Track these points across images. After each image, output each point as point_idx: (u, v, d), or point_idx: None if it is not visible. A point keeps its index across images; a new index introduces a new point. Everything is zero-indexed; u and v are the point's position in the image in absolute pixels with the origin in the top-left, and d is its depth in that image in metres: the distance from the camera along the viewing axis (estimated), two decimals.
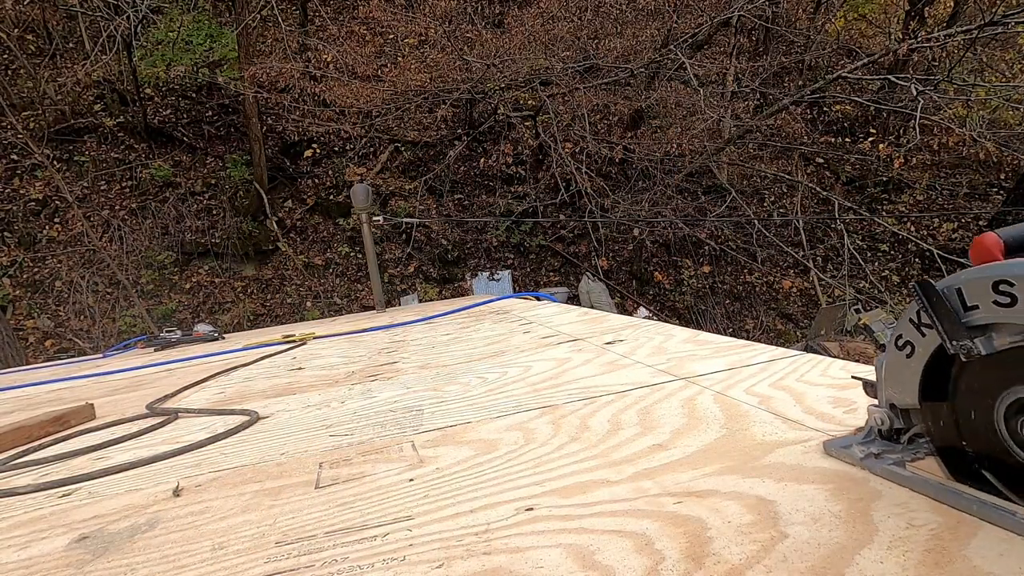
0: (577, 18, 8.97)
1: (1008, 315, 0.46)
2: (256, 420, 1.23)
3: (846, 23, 11.72)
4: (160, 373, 2.40)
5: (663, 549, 0.51)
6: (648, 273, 9.32)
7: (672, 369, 1.16)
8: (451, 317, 2.95)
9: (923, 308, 0.52)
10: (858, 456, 0.62)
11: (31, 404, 2.02)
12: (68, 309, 8.16)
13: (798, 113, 10.63)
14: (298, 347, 2.57)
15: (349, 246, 9.29)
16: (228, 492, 0.81)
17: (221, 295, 8.78)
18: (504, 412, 1.02)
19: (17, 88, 9.74)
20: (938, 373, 0.54)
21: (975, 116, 8.89)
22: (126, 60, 9.51)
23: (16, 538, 0.76)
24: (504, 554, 0.54)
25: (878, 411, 0.61)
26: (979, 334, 0.49)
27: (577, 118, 9.13)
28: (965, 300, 0.49)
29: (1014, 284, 0.45)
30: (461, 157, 10.05)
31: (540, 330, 1.97)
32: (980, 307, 0.48)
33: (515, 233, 9.40)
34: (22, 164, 9.01)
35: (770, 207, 9.83)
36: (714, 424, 0.81)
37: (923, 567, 0.44)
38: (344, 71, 9.50)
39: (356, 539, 0.61)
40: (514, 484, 0.69)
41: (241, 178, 9.61)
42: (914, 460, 0.59)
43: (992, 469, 0.50)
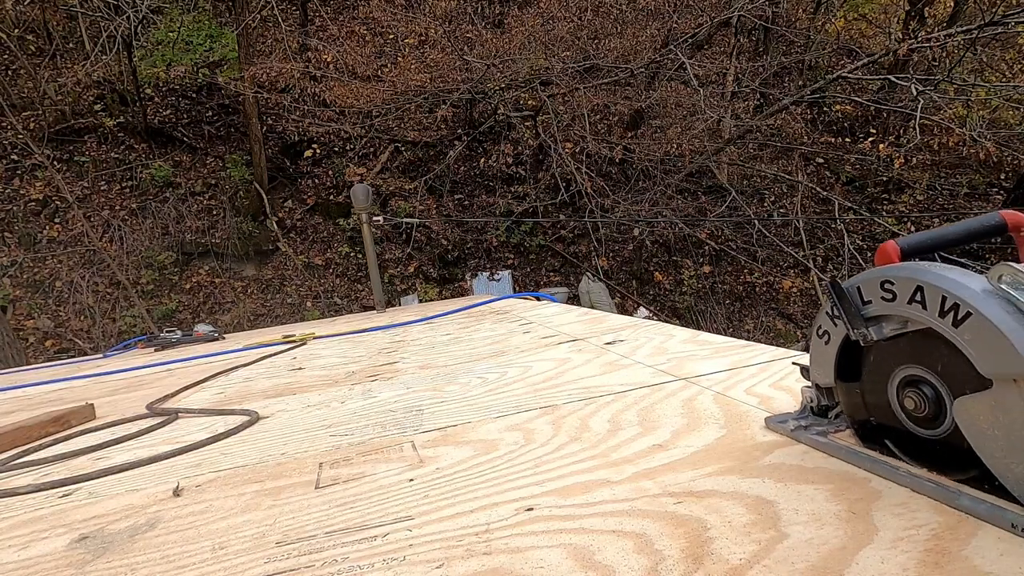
0: (577, 18, 8.97)
1: (891, 308, 0.56)
2: (256, 420, 1.23)
3: (846, 23, 11.72)
4: (160, 373, 2.40)
5: (663, 549, 0.51)
6: (648, 273, 9.32)
7: (672, 369, 1.16)
8: (451, 317, 2.95)
9: (833, 303, 0.61)
10: (790, 428, 0.72)
11: (31, 404, 2.02)
12: (68, 309, 8.16)
13: (798, 113, 10.63)
14: (298, 347, 2.57)
15: (349, 246, 9.29)
16: (228, 492, 0.81)
17: (221, 295, 8.78)
18: (504, 412, 1.02)
19: (17, 88, 9.74)
20: (848, 357, 0.63)
21: (975, 116, 8.89)
22: (126, 60, 9.51)
23: (16, 538, 0.76)
24: (504, 554, 0.54)
25: (808, 390, 0.72)
26: (873, 324, 0.58)
27: (577, 118, 9.13)
28: (862, 296, 0.59)
29: (894, 283, 0.55)
30: (461, 157, 10.05)
31: (540, 330, 1.97)
32: (872, 302, 0.58)
33: (515, 233, 9.41)
34: (22, 164, 9.02)
35: (770, 207, 9.83)
36: (714, 424, 0.81)
37: (923, 567, 0.44)
38: (344, 71, 9.50)
39: (356, 539, 0.61)
40: (514, 484, 0.69)
41: (241, 178, 9.61)
42: (836, 432, 0.68)
43: (889, 436, 0.60)
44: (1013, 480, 0.48)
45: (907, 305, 0.54)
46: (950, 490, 0.53)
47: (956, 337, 0.50)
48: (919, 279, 0.53)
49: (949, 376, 0.53)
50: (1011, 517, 0.47)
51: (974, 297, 0.48)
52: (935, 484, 0.54)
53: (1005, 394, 0.47)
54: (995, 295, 0.48)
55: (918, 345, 0.55)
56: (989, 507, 0.49)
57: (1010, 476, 0.48)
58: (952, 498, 0.52)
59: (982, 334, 0.48)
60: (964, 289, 0.49)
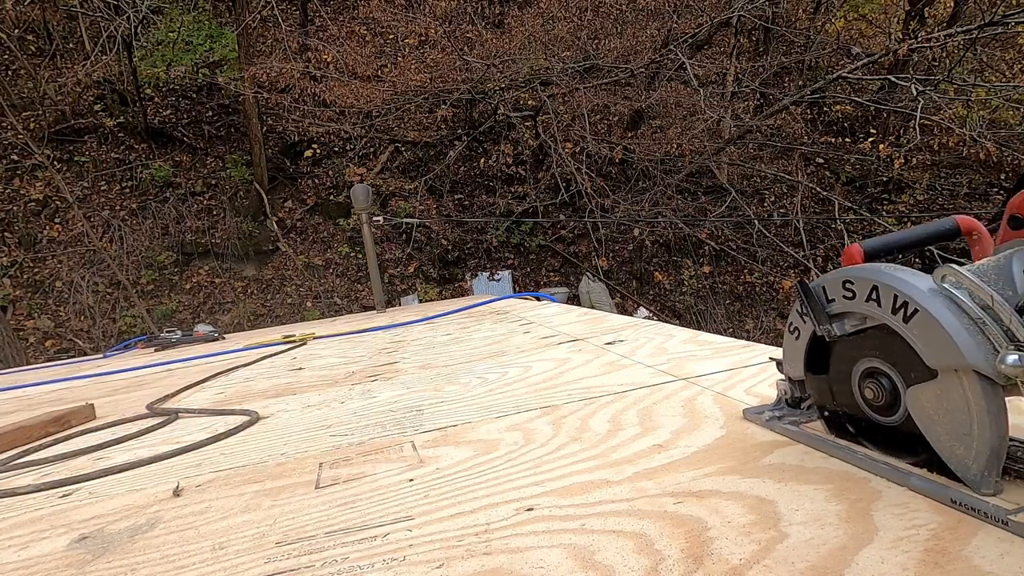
0: (577, 18, 8.97)
1: (852, 306, 0.60)
2: (256, 420, 1.23)
3: (846, 23, 11.72)
4: (160, 373, 2.40)
5: (663, 549, 0.51)
6: (648, 273, 9.32)
7: (672, 369, 1.16)
8: (451, 317, 2.95)
9: (801, 301, 0.66)
10: (765, 418, 0.77)
11: (31, 404, 2.02)
12: (68, 309, 8.16)
13: (798, 113, 10.63)
14: (298, 347, 2.57)
15: (349, 246, 9.29)
16: (228, 492, 0.81)
17: (221, 295, 8.78)
18: (504, 412, 1.02)
19: (17, 88, 9.74)
20: (817, 352, 0.68)
21: (975, 116, 8.88)
22: (126, 60, 9.51)
23: (16, 538, 0.76)
24: (504, 554, 0.54)
25: (783, 383, 0.76)
26: (837, 320, 0.63)
27: (577, 118, 9.13)
28: (827, 295, 0.63)
29: (854, 283, 0.59)
30: (461, 157, 10.05)
31: (540, 330, 1.97)
32: (836, 300, 0.62)
33: (515, 233, 9.40)
34: (22, 164, 9.02)
35: (770, 207, 9.82)
36: (714, 424, 0.81)
37: (923, 567, 0.44)
38: (344, 71, 9.50)
39: (356, 539, 0.61)
40: (514, 484, 0.69)
41: (241, 178, 9.61)
42: (808, 422, 0.73)
43: (853, 424, 0.65)
44: (956, 461, 0.52)
45: (865, 303, 0.58)
46: (902, 471, 0.57)
47: (906, 332, 0.54)
48: (874, 279, 0.57)
49: (902, 368, 0.57)
50: (952, 494, 0.52)
51: (921, 296, 0.53)
52: (889, 466, 0.59)
53: (948, 384, 0.51)
54: (940, 294, 0.52)
55: (876, 340, 0.59)
56: (934, 486, 0.54)
57: (953, 458, 0.53)
58: (904, 479, 0.57)
59: (928, 329, 0.52)
60: (913, 288, 0.53)
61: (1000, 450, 0.50)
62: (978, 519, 0.50)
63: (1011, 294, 0.50)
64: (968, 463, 0.51)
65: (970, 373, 0.49)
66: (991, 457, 0.50)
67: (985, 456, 0.50)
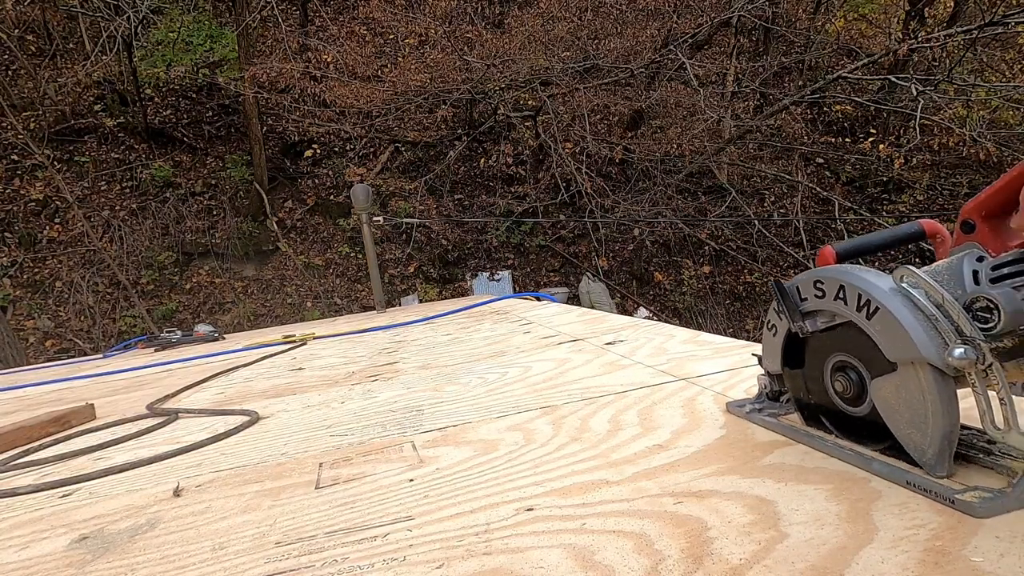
0: (577, 18, 8.97)
1: (822, 304, 0.64)
2: (256, 420, 1.23)
3: (846, 23, 11.72)
4: (160, 373, 2.40)
5: (663, 549, 0.51)
6: (648, 273, 9.31)
7: (672, 370, 1.16)
8: (451, 317, 2.95)
9: (777, 300, 0.70)
10: (746, 411, 0.81)
11: (32, 404, 2.02)
12: (68, 309, 8.16)
13: (798, 113, 10.63)
14: (298, 347, 2.57)
15: (349, 246, 9.29)
16: (228, 492, 0.81)
17: (221, 295, 8.78)
18: (504, 412, 1.02)
19: (17, 88, 9.74)
20: (792, 347, 0.71)
21: (975, 116, 8.88)
22: (126, 60, 9.51)
23: (17, 538, 0.76)
24: (504, 554, 0.54)
25: (763, 378, 0.80)
26: (809, 318, 0.67)
27: (577, 118, 9.14)
28: (800, 294, 0.67)
29: (823, 283, 0.63)
30: (461, 157, 10.05)
31: (540, 330, 1.97)
32: (808, 299, 0.66)
33: (515, 233, 9.40)
34: (22, 164, 9.02)
35: (770, 207, 9.82)
36: (714, 424, 0.81)
37: (923, 567, 0.44)
38: (344, 71, 9.50)
39: (356, 539, 0.61)
40: (514, 484, 0.69)
41: (241, 178, 9.61)
42: (786, 414, 0.77)
43: (825, 414, 0.68)
44: (913, 447, 0.57)
45: (833, 301, 0.63)
46: (866, 457, 0.62)
47: (869, 328, 0.58)
48: (841, 279, 0.61)
49: (867, 361, 0.61)
50: (907, 476, 0.56)
51: (882, 294, 0.56)
52: (855, 453, 0.63)
53: (906, 376, 0.55)
54: (898, 293, 0.56)
55: (844, 335, 0.63)
56: (893, 469, 0.58)
57: (911, 444, 0.57)
58: (867, 463, 0.61)
59: (887, 325, 0.56)
60: (874, 288, 0.57)
61: (952, 436, 0.54)
62: (931, 499, 0.53)
63: (960, 293, 0.53)
64: (924, 448, 0.55)
65: (924, 365, 0.53)
66: (944, 442, 0.54)
67: (938, 441, 0.54)
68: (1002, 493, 0.50)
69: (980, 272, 0.54)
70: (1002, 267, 0.53)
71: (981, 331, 0.51)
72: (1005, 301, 0.50)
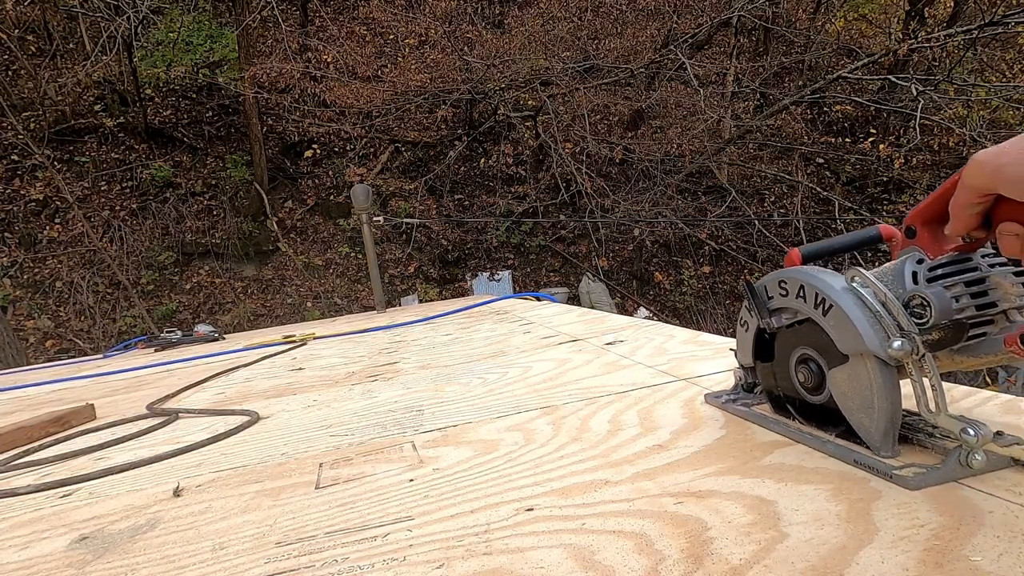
0: (577, 18, 8.97)
1: (786, 302, 0.70)
2: (256, 420, 1.23)
3: (846, 23, 11.72)
4: (160, 373, 2.40)
5: (663, 549, 0.51)
6: (648, 273, 9.32)
7: (673, 370, 1.16)
8: (451, 317, 2.95)
9: (748, 298, 0.75)
10: (722, 402, 0.86)
11: (32, 404, 2.02)
12: (68, 309, 8.16)
13: (798, 113, 10.63)
14: (298, 347, 2.57)
15: (349, 246, 9.29)
16: (228, 492, 0.81)
17: (221, 295, 8.78)
18: (504, 412, 1.02)
19: (18, 89, 9.75)
20: (762, 342, 0.77)
21: (975, 116, 8.88)
22: (126, 61, 9.52)
23: (17, 538, 0.76)
24: (504, 554, 0.54)
25: (738, 371, 0.85)
26: (776, 315, 0.73)
27: (577, 118, 9.14)
28: (768, 292, 0.73)
29: (786, 282, 0.69)
30: (461, 157, 10.05)
31: (540, 330, 1.97)
32: (774, 297, 0.72)
33: (515, 233, 9.40)
34: (23, 165, 9.02)
35: (770, 207, 9.82)
36: (714, 425, 0.81)
37: (924, 566, 0.44)
38: (344, 71, 9.51)
39: (356, 539, 0.61)
40: (514, 484, 0.69)
41: (241, 178, 9.61)
42: (759, 404, 0.82)
43: (792, 403, 0.74)
44: (863, 429, 0.62)
45: (795, 299, 0.68)
46: (822, 439, 0.68)
47: (825, 323, 0.64)
48: (801, 279, 0.67)
49: (825, 354, 0.66)
50: (855, 456, 0.62)
51: (835, 293, 0.62)
52: (814, 436, 0.69)
53: (856, 366, 0.61)
54: (849, 292, 0.61)
55: (805, 330, 0.69)
56: (843, 449, 0.64)
57: (861, 426, 0.63)
58: (823, 445, 0.67)
59: (840, 321, 0.62)
60: (829, 287, 0.63)
61: (895, 419, 0.60)
62: (873, 474, 0.60)
63: (901, 291, 0.60)
64: (871, 430, 0.61)
65: (871, 357, 0.59)
66: (888, 425, 0.60)
67: (884, 424, 0.60)
68: (934, 469, 0.56)
69: (919, 273, 0.60)
70: (937, 269, 0.59)
71: (916, 325, 0.57)
72: (936, 299, 0.57)
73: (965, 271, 0.58)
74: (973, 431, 0.54)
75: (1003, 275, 0.58)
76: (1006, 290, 0.57)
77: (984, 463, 0.55)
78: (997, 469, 0.57)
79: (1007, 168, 0.47)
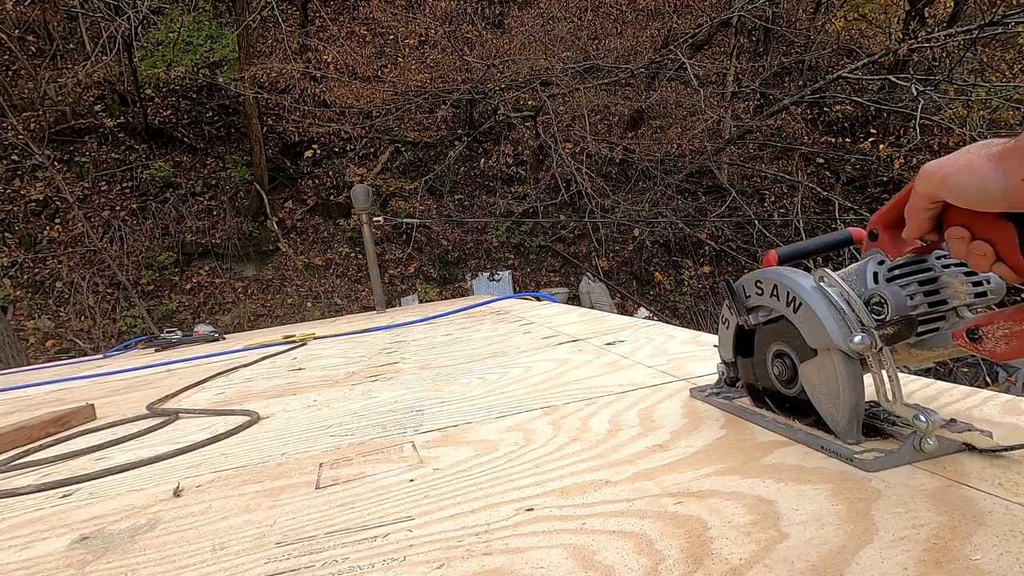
0: (577, 18, 8.98)
1: (762, 300, 0.74)
2: (256, 420, 1.23)
3: (846, 23, 11.72)
4: (161, 374, 2.40)
5: (663, 549, 0.51)
6: (648, 273, 9.32)
7: (673, 370, 1.16)
8: (451, 317, 2.95)
9: (728, 297, 0.79)
10: (705, 395, 0.91)
11: (32, 405, 2.02)
12: (69, 310, 8.16)
13: (798, 113, 10.63)
14: (299, 347, 2.58)
15: (349, 247, 9.29)
16: (228, 492, 0.82)
17: (222, 296, 8.78)
18: (504, 412, 1.02)
19: (18, 89, 9.75)
20: (742, 338, 0.81)
21: (975, 116, 8.88)
22: (126, 61, 9.52)
23: (17, 538, 0.76)
24: (504, 554, 0.54)
25: (721, 366, 0.89)
26: (753, 313, 0.76)
27: (577, 118, 9.14)
28: (746, 292, 0.77)
29: (762, 282, 0.73)
30: (461, 157, 10.05)
31: (540, 330, 1.97)
32: (752, 296, 0.76)
33: (515, 233, 9.40)
34: (23, 165, 9.02)
35: (770, 207, 9.82)
36: (714, 425, 0.81)
37: (924, 566, 0.44)
38: (344, 72, 9.51)
39: (356, 539, 0.61)
40: (514, 484, 0.69)
41: (241, 179, 9.61)
42: (740, 397, 0.86)
43: (768, 395, 0.78)
44: (830, 419, 0.67)
45: (770, 298, 0.72)
46: (793, 428, 0.72)
47: (796, 320, 0.68)
48: (775, 279, 0.71)
49: (797, 349, 0.70)
50: (822, 442, 0.67)
51: (804, 292, 0.66)
52: (786, 425, 0.73)
53: (824, 360, 0.65)
54: (818, 291, 0.66)
55: (780, 327, 0.73)
56: (812, 437, 0.69)
57: (828, 416, 0.67)
58: (794, 433, 0.71)
59: (808, 318, 0.66)
60: (799, 286, 0.67)
61: (858, 408, 0.64)
62: (836, 458, 0.64)
63: (863, 290, 0.64)
64: (838, 419, 0.65)
65: (836, 351, 0.63)
66: (852, 414, 0.64)
67: (848, 413, 0.64)
68: (891, 453, 0.61)
69: (879, 273, 0.64)
70: (895, 269, 0.63)
71: (875, 321, 0.61)
72: (892, 297, 0.61)
73: (920, 271, 0.62)
74: (924, 418, 0.58)
75: (954, 275, 0.61)
76: (956, 289, 0.61)
77: (936, 447, 0.60)
78: (949, 453, 0.61)
79: (950, 177, 0.51)
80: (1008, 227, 0.50)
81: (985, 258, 0.52)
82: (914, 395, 0.82)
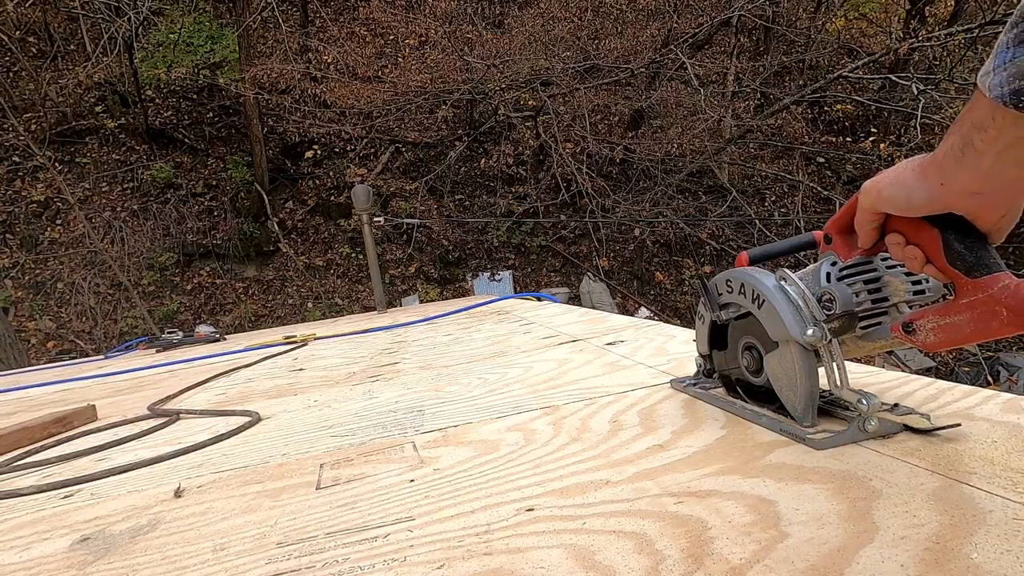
0: (577, 18, 8.98)
1: (732, 298, 0.80)
2: (257, 421, 1.23)
3: (847, 22, 11.71)
4: (162, 374, 2.40)
5: (664, 549, 0.51)
6: (649, 273, 9.31)
7: (673, 370, 1.16)
8: (452, 318, 2.95)
9: (703, 295, 0.86)
10: (683, 386, 0.98)
11: (33, 405, 2.03)
12: (70, 310, 8.17)
13: (799, 113, 10.62)
14: (299, 348, 2.58)
15: (350, 247, 9.30)
16: (229, 493, 0.82)
17: (222, 296, 8.79)
18: (505, 413, 1.02)
19: (19, 90, 9.76)
20: (716, 333, 0.88)
21: None
22: (127, 62, 9.53)
23: (18, 539, 0.76)
24: (505, 555, 0.54)
25: (698, 359, 0.96)
26: (725, 309, 0.83)
27: (578, 118, 9.14)
28: (718, 289, 0.83)
29: (731, 281, 0.80)
30: (462, 157, 10.05)
31: (541, 330, 1.97)
32: (724, 293, 0.82)
33: (516, 233, 9.41)
34: (24, 166, 9.03)
35: (771, 207, 9.82)
36: (714, 425, 0.81)
37: (924, 566, 0.44)
38: (345, 72, 9.51)
39: (357, 540, 0.61)
40: (515, 485, 0.70)
41: (242, 179, 9.62)
42: (715, 388, 0.92)
43: (740, 385, 0.85)
44: (790, 405, 0.73)
45: (738, 295, 0.78)
46: (759, 414, 0.78)
47: (759, 315, 0.74)
48: (742, 278, 0.77)
49: (762, 342, 0.77)
50: (780, 425, 0.73)
51: (766, 290, 0.73)
52: (753, 411, 0.79)
53: (784, 351, 0.72)
54: (778, 289, 0.72)
55: (748, 322, 0.79)
56: (773, 420, 0.75)
57: (788, 402, 0.73)
58: (758, 418, 0.78)
59: (770, 313, 0.72)
60: (762, 285, 0.73)
61: (813, 394, 0.70)
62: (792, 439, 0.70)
63: (817, 289, 0.69)
64: (796, 404, 0.72)
65: (793, 343, 0.69)
66: (808, 399, 0.70)
67: (804, 399, 0.70)
68: (839, 433, 0.68)
69: (831, 273, 0.69)
70: (845, 270, 0.69)
71: (826, 316, 0.68)
72: (840, 294, 0.67)
73: (865, 272, 0.69)
74: (866, 402, 0.65)
75: (895, 275, 0.68)
76: (896, 287, 0.68)
77: (877, 427, 0.67)
78: (890, 433, 0.68)
79: (884, 190, 0.56)
80: (933, 232, 0.55)
81: (916, 261, 0.57)
82: (916, 394, 0.82)
